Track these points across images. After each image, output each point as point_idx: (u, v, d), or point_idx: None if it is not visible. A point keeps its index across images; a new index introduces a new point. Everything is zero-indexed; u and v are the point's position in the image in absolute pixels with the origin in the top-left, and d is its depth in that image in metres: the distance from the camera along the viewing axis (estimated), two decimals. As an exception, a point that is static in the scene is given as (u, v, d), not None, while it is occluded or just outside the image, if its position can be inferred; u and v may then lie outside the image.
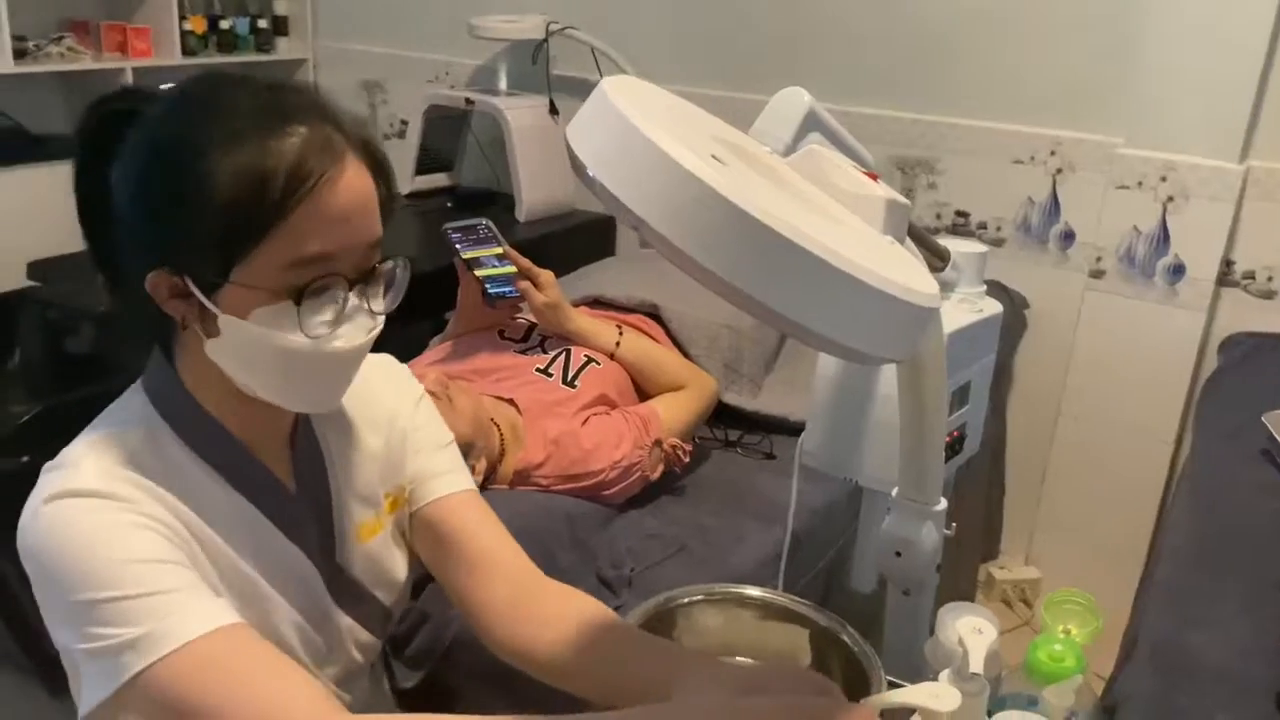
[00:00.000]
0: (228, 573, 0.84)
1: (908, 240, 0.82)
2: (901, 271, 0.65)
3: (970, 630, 0.82)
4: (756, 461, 1.78)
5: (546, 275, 1.65)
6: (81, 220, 0.84)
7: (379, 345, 1.04)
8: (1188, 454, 1.99)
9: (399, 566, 1.01)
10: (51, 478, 0.79)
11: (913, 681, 1.10)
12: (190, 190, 0.75)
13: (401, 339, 1.82)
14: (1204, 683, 1.25)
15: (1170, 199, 2.25)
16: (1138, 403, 2.36)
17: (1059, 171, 2.43)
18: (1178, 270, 2.28)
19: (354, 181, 0.79)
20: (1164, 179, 2.24)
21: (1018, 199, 2.49)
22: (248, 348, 0.80)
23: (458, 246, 1.62)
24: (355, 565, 0.96)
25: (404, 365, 1.07)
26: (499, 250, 1.62)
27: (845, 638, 1.00)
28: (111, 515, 0.77)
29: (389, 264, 0.85)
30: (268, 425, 0.89)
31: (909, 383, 1.07)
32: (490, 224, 1.60)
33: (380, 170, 0.83)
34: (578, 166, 0.66)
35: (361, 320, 0.83)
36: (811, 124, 1.03)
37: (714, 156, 0.63)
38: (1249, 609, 1.38)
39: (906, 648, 1.28)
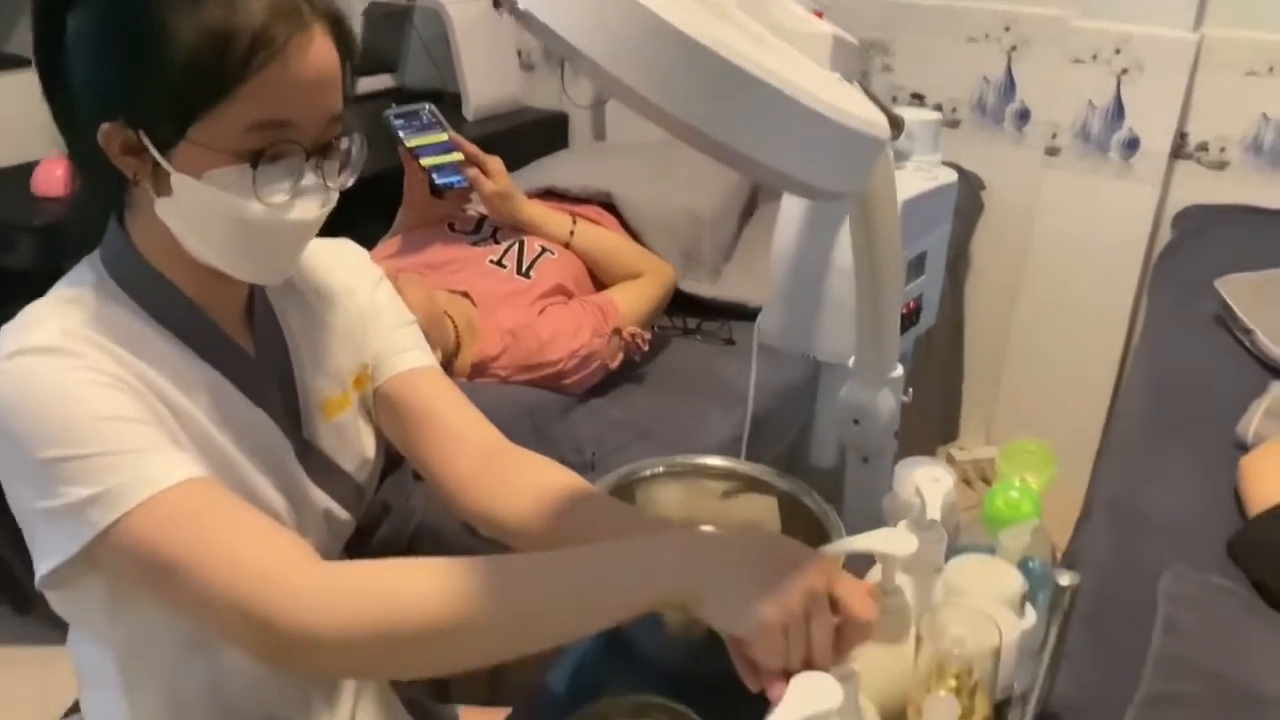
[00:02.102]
0: (197, 438, 0.83)
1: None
2: (852, 103, 0.63)
3: (927, 480, 0.83)
4: (716, 347, 1.77)
5: (495, 162, 1.60)
6: (38, 67, 0.81)
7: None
8: (1143, 323, 2.01)
9: (367, 444, 1.00)
10: (10, 336, 0.77)
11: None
12: (151, 43, 0.74)
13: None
14: (1159, 536, 1.27)
15: (1125, 71, 2.23)
16: (1094, 278, 2.37)
17: (1014, 48, 2.40)
18: (1132, 144, 2.28)
19: (320, 51, 0.78)
20: (1118, 51, 2.22)
21: (973, 78, 2.46)
22: (199, 209, 0.79)
23: (400, 134, 1.56)
24: (323, 441, 0.95)
25: (362, 249, 1.04)
26: (444, 137, 1.56)
27: (807, 500, 1.00)
28: (75, 373, 0.76)
29: (345, 141, 0.84)
30: (223, 293, 0.87)
31: (864, 248, 1.05)
32: (434, 108, 1.54)
33: (346, 45, 0.81)
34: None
35: (317, 194, 0.82)
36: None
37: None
38: (1201, 466, 1.41)
39: (867, 515, 1.29)
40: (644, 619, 0.92)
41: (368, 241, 1.77)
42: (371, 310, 1.00)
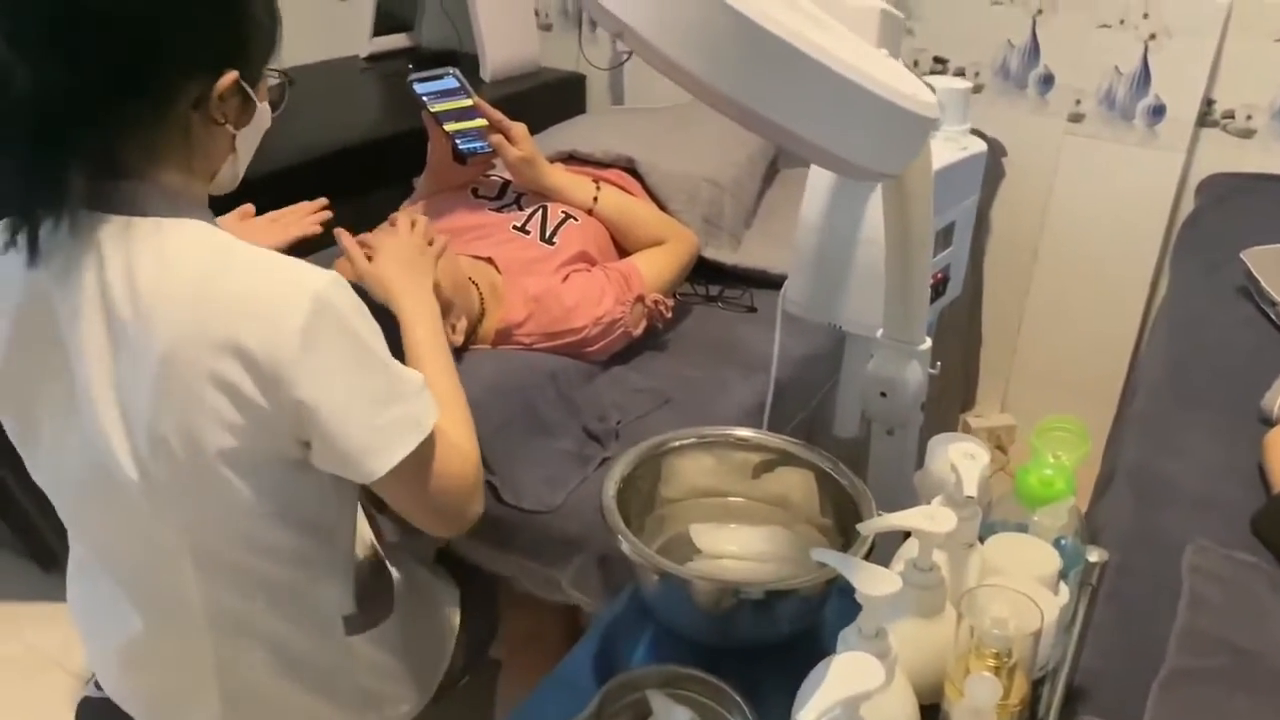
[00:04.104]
0: None
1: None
2: (902, 82, 0.62)
3: (962, 456, 0.83)
4: (738, 315, 1.77)
5: (519, 128, 1.59)
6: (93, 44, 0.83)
7: (354, 215, 1.35)
8: (1165, 293, 2.00)
9: None
10: (305, 270, 0.88)
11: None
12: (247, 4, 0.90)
13: (370, 206, 1.76)
14: (1181, 507, 1.27)
15: (1153, 36, 2.19)
16: (1114, 248, 2.36)
17: (1039, 12, 2.36)
18: (1158, 111, 2.25)
19: None
20: (1146, 15, 2.18)
21: (997, 42, 2.42)
22: (259, 129, 0.96)
23: (424, 99, 1.55)
24: None
25: None
26: (469, 102, 1.55)
27: (836, 474, 1.01)
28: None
29: None
30: None
31: (896, 220, 1.05)
32: (458, 73, 1.52)
33: None
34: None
35: None
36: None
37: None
38: (1225, 438, 1.41)
39: (891, 488, 1.29)
40: (674, 591, 0.94)
41: (390, 205, 1.77)
42: None
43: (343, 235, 1.27)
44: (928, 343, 1.19)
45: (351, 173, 2.16)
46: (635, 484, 1.01)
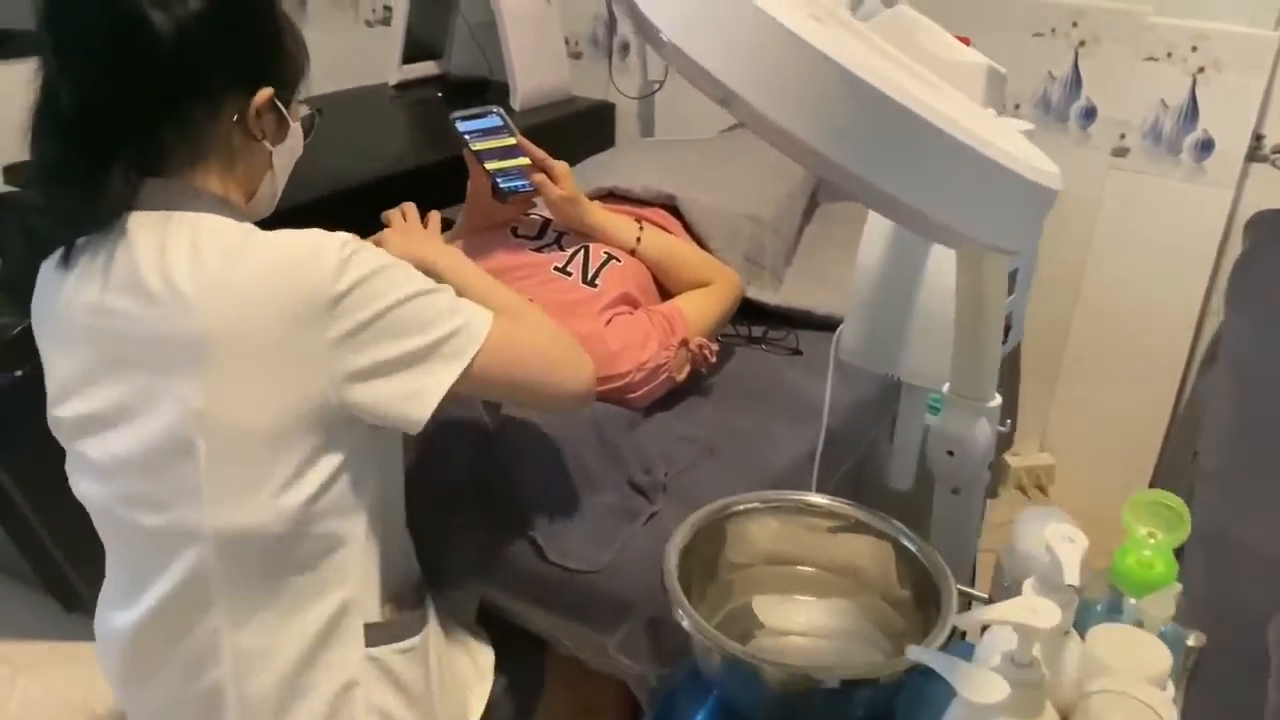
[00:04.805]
0: None
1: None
2: (1021, 149, 0.57)
3: (1060, 539, 0.77)
4: (783, 358, 1.71)
5: (562, 167, 1.54)
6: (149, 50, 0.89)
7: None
8: (1218, 334, 1.94)
9: None
10: (325, 237, 0.92)
11: (970, 585, 1.06)
12: (285, 27, 0.99)
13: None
14: (1260, 576, 1.21)
15: (1201, 70, 2.14)
16: (1159, 284, 2.30)
17: (1082, 44, 2.31)
18: (1206, 146, 2.19)
19: None
20: (1195, 49, 2.13)
21: (1037, 74, 2.37)
22: (293, 149, 1.04)
23: (467, 137, 1.51)
24: None
25: None
26: (512, 141, 1.50)
27: (912, 547, 0.95)
28: None
29: None
30: None
31: (969, 271, 0.99)
32: (502, 112, 1.48)
33: None
34: (648, 32, 0.57)
35: None
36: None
37: (811, 15, 0.54)
38: (1299, 497, 1.34)
39: (954, 547, 1.24)
40: (740, 672, 0.88)
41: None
42: None
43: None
44: (998, 399, 1.13)
45: (381, 201, 2.12)
46: (697, 549, 0.96)
